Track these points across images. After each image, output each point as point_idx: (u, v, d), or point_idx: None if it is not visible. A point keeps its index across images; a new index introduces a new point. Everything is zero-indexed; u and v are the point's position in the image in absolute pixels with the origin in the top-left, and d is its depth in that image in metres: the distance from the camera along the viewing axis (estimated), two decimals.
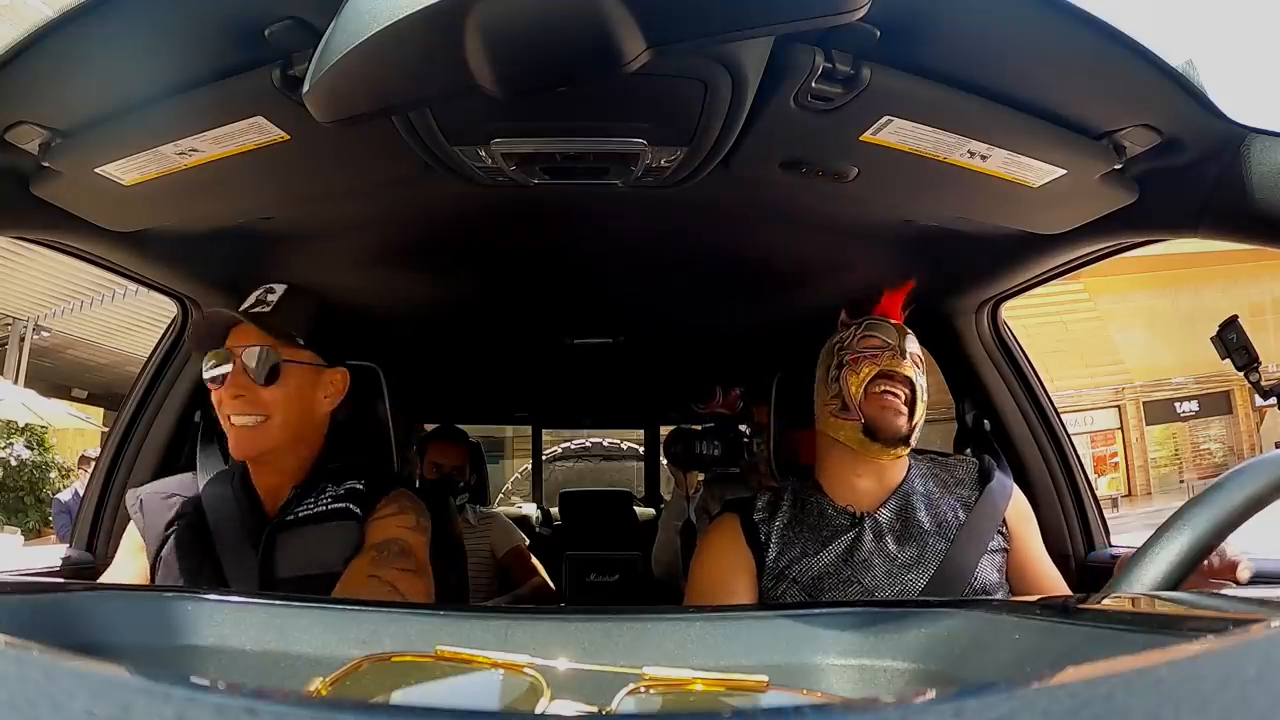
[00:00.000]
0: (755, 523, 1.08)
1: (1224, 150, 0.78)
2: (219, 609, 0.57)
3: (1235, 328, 0.88)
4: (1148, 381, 11.59)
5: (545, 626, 0.57)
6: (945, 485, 1.09)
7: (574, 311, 1.69)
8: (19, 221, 0.94)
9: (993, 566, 1.03)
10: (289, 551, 0.96)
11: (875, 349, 1.05)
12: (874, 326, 1.08)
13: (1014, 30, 0.67)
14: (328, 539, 0.97)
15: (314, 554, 0.95)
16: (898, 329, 1.07)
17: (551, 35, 0.48)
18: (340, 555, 0.95)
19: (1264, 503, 0.53)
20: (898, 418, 1.02)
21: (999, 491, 1.09)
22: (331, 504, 0.99)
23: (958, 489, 1.09)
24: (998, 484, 1.09)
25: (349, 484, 1.02)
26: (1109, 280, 10.19)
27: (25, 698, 0.20)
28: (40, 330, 7.45)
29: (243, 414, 0.96)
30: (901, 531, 1.03)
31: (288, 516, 0.99)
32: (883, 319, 1.09)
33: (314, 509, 0.99)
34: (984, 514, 1.05)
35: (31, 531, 6.93)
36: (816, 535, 1.04)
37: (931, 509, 1.05)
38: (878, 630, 0.53)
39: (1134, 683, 0.22)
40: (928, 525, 1.03)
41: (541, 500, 3.75)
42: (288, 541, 0.97)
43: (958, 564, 1.00)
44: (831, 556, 1.02)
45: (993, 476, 1.10)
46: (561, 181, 0.88)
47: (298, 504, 1.00)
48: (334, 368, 1.06)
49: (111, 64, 0.68)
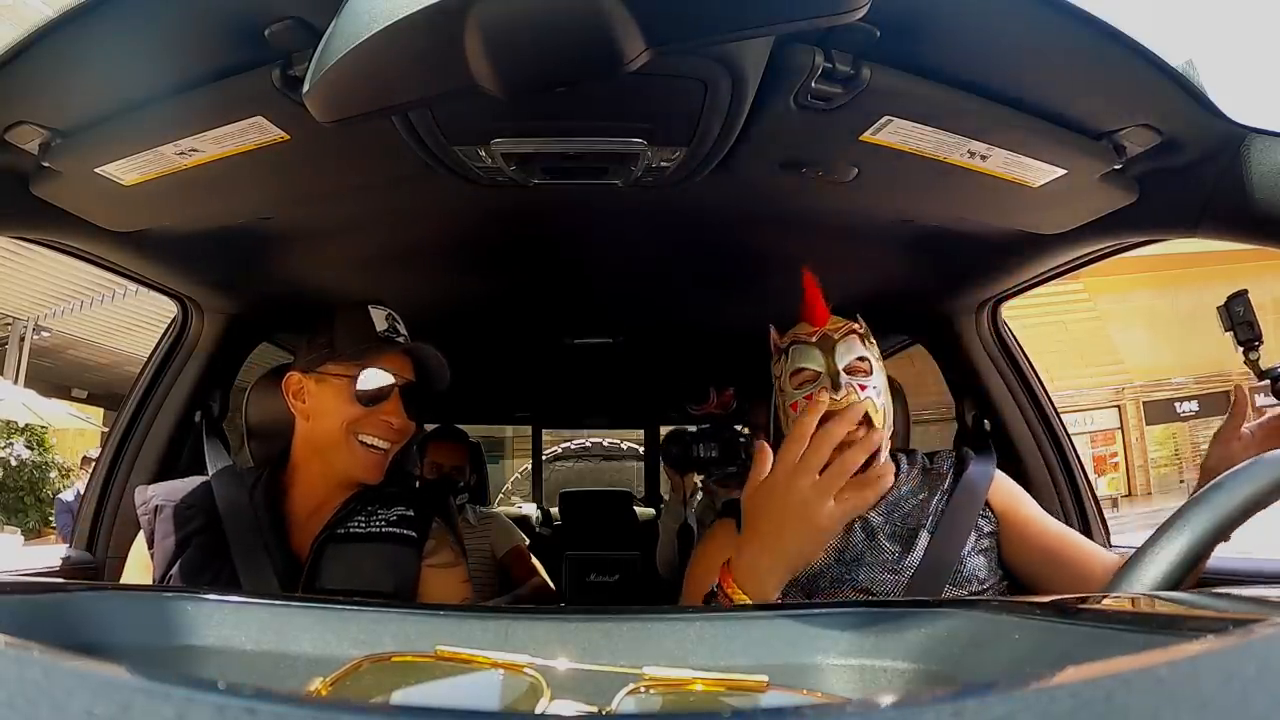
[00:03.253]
0: None
1: (1224, 150, 0.78)
2: (219, 609, 0.57)
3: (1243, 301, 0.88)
4: (1148, 381, 11.58)
5: (545, 626, 0.57)
6: (930, 481, 1.10)
7: (574, 311, 1.69)
8: (19, 221, 0.94)
9: (979, 553, 1.03)
10: (340, 564, 0.95)
11: (806, 383, 1.01)
12: (799, 352, 1.02)
13: (1014, 30, 0.67)
14: (382, 558, 0.97)
15: (366, 570, 0.95)
16: (822, 342, 1.02)
17: (552, 35, 0.48)
18: (393, 577, 0.96)
19: (1264, 503, 0.53)
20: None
21: (977, 477, 1.08)
22: (386, 526, 1.00)
23: (939, 483, 1.09)
24: (974, 470, 1.09)
25: (397, 509, 1.02)
26: (1109, 280, 10.19)
27: (25, 698, 0.20)
28: (40, 330, 7.45)
29: (395, 441, 1.00)
30: (891, 530, 1.04)
31: (339, 530, 0.98)
32: (806, 338, 1.03)
33: (367, 527, 0.99)
34: (963, 502, 1.05)
35: (32, 531, 6.94)
36: None
37: (919, 506, 1.06)
38: (878, 630, 0.53)
39: (1134, 683, 0.22)
40: (916, 521, 1.04)
41: (541, 500, 3.75)
42: (339, 554, 0.96)
43: (941, 553, 1.00)
44: (824, 557, 1.02)
45: (968, 465, 1.10)
46: (561, 181, 0.88)
47: (349, 519, 0.99)
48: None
49: (111, 64, 0.68)
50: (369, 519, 1.00)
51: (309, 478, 1.02)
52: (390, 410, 0.99)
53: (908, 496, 1.07)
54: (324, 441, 1.00)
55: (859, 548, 1.03)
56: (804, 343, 1.03)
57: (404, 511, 1.02)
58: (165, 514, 1.00)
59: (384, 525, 1.00)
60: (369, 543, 0.98)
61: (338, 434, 0.98)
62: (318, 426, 1.00)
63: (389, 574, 0.96)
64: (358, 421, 0.98)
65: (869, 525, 1.04)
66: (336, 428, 0.98)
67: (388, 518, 1.01)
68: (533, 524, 3.06)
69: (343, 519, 0.99)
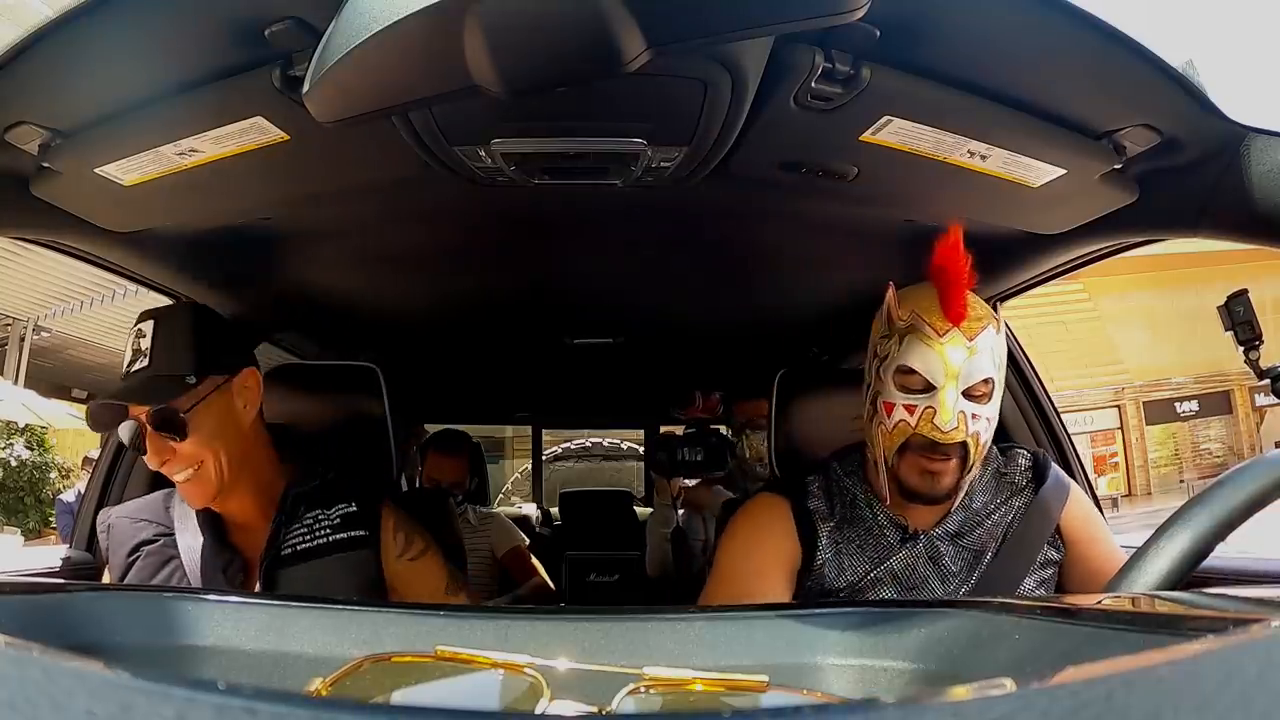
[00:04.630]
0: (809, 510, 0.94)
1: (1224, 150, 0.78)
2: (219, 609, 0.57)
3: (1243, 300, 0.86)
4: (1148, 381, 11.58)
5: (545, 626, 0.57)
6: (1003, 491, 0.97)
7: (574, 311, 1.69)
8: (19, 221, 0.94)
9: (1034, 579, 0.92)
10: (294, 587, 0.93)
11: (913, 391, 0.85)
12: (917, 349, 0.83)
13: (1014, 30, 0.67)
14: (338, 569, 0.95)
15: (326, 586, 0.93)
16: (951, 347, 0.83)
17: (552, 35, 0.48)
18: (355, 583, 0.94)
19: (1264, 503, 0.53)
20: (939, 480, 0.86)
21: (1053, 493, 0.94)
22: (333, 534, 0.96)
23: (1013, 493, 0.96)
24: (1052, 484, 0.95)
25: (339, 509, 0.98)
26: (1109, 280, 10.19)
27: (25, 698, 0.20)
28: (40, 330, 7.45)
29: (178, 471, 0.91)
30: (958, 549, 0.92)
31: (283, 550, 0.94)
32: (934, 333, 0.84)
33: (312, 540, 0.96)
34: (1034, 523, 0.92)
35: (32, 532, 6.94)
36: (865, 547, 0.93)
37: (991, 522, 0.94)
38: (878, 630, 0.53)
39: (1134, 683, 0.22)
40: (985, 540, 0.92)
41: (541, 500, 3.75)
42: (291, 577, 0.93)
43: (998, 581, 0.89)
44: (884, 575, 0.91)
45: (1047, 476, 0.96)
46: (561, 181, 0.88)
47: (287, 534, 0.96)
48: (236, 374, 0.97)
49: (111, 64, 0.68)
50: (312, 529, 0.96)
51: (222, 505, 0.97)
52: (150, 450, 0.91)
53: (981, 513, 0.94)
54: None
55: (923, 567, 0.91)
56: (927, 338, 0.84)
57: (347, 509, 0.99)
58: (116, 530, 0.99)
59: (330, 533, 0.96)
60: (319, 558, 0.95)
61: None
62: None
63: (349, 583, 0.93)
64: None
65: (933, 542, 0.92)
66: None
67: (331, 522, 0.97)
68: (533, 524, 3.06)
69: (280, 535, 0.95)
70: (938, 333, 0.85)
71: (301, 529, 0.97)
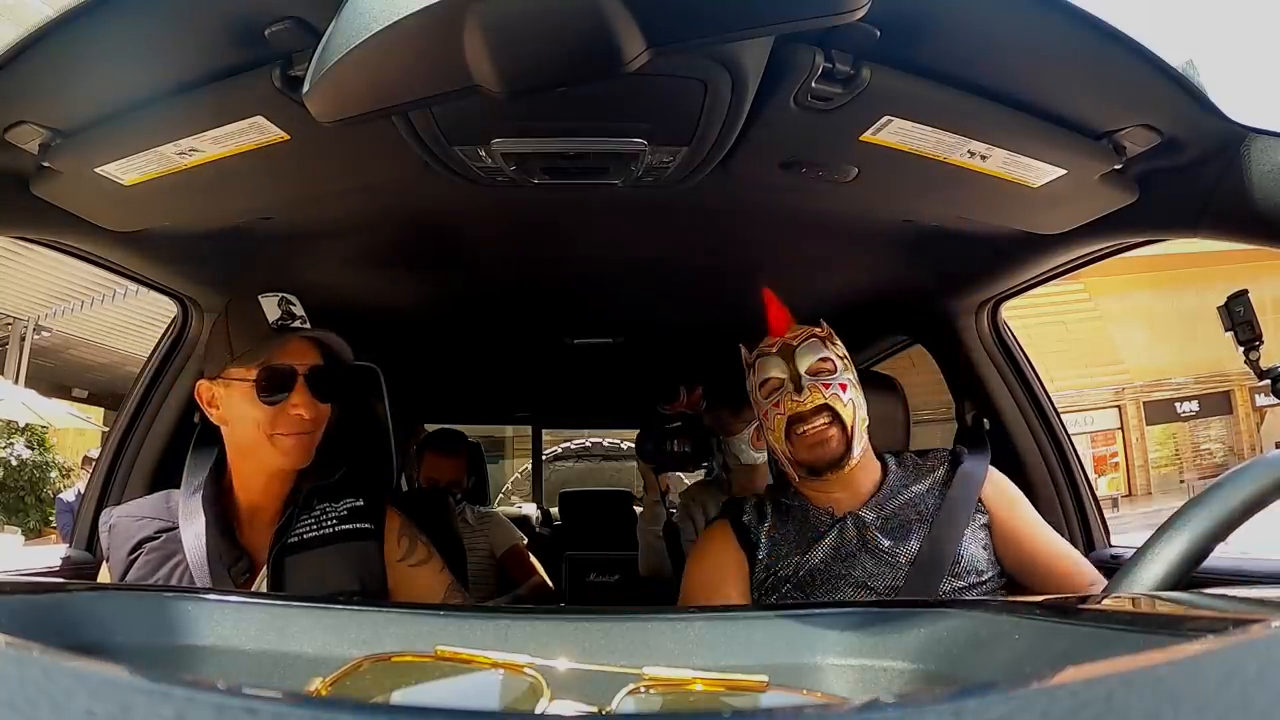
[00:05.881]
0: (745, 524, 1.10)
1: (1224, 150, 0.78)
2: (219, 609, 0.57)
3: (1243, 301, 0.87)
4: (1148, 381, 11.58)
5: (545, 626, 0.57)
6: (921, 478, 1.11)
7: (574, 311, 1.69)
8: (19, 221, 0.94)
9: (976, 542, 1.04)
10: (300, 574, 0.94)
11: (773, 391, 1.06)
12: (763, 363, 1.08)
13: (1014, 30, 0.67)
14: (342, 559, 0.96)
15: (329, 576, 0.94)
16: (783, 350, 1.07)
17: (552, 35, 0.48)
18: (358, 575, 0.95)
19: (1264, 503, 0.53)
20: (826, 446, 1.03)
21: (971, 472, 1.09)
22: (339, 525, 0.99)
23: (933, 479, 1.10)
24: (969, 465, 1.10)
25: (347, 502, 1.01)
26: (1109, 280, 10.18)
27: (25, 698, 0.20)
28: (40, 330, 7.45)
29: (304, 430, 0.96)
30: (884, 525, 1.05)
31: (290, 539, 0.96)
32: (768, 349, 1.08)
33: (319, 530, 0.98)
34: (958, 496, 1.06)
35: (32, 531, 6.94)
36: (802, 535, 1.07)
37: (911, 501, 1.07)
38: (878, 630, 0.53)
39: (1134, 683, 0.22)
40: (909, 516, 1.05)
41: (541, 500, 3.75)
42: (298, 564, 0.95)
43: (938, 545, 1.02)
44: (820, 555, 1.04)
45: (962, 460, 1.12)
46: (562, 181, 0.88)
47: (297, 524, 0.98)
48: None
49: (111, 64, 0.68)
50: (319, 520, 0.99)
51: (243, 476, 1.01)
52: (298, 402, 0.95)
53: (898, 491, 1.09)
54: (245, 444, 0.98)
55: (853, 544, 1.04)
56: (766, 354, 1.09)
57: (354, 503, 1.01)
58: (118, 529, 1.00)
59: (336, 524, 0.99)
60: (326, 545, 0.97)
61: (255, 436, 0.96)
62: (235, 431, 0.98)
63: (353, 574, 0.95)
64: (269, 421, 0.95)
65: (860, 521, 1.05)
66: (252, 431, 0.95)
67: (338, 514, 1.00)
68: (533, 524, 3.06)
69: (292, 525, 0.97)
70: (770, 348, 1.09)
71: (309, 519, 0.99)
